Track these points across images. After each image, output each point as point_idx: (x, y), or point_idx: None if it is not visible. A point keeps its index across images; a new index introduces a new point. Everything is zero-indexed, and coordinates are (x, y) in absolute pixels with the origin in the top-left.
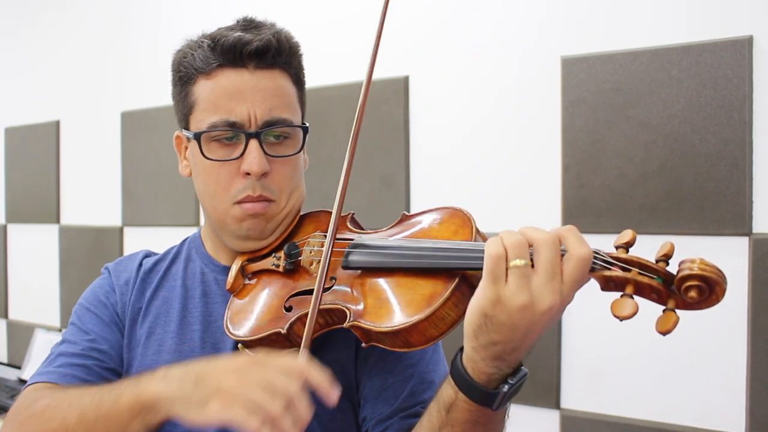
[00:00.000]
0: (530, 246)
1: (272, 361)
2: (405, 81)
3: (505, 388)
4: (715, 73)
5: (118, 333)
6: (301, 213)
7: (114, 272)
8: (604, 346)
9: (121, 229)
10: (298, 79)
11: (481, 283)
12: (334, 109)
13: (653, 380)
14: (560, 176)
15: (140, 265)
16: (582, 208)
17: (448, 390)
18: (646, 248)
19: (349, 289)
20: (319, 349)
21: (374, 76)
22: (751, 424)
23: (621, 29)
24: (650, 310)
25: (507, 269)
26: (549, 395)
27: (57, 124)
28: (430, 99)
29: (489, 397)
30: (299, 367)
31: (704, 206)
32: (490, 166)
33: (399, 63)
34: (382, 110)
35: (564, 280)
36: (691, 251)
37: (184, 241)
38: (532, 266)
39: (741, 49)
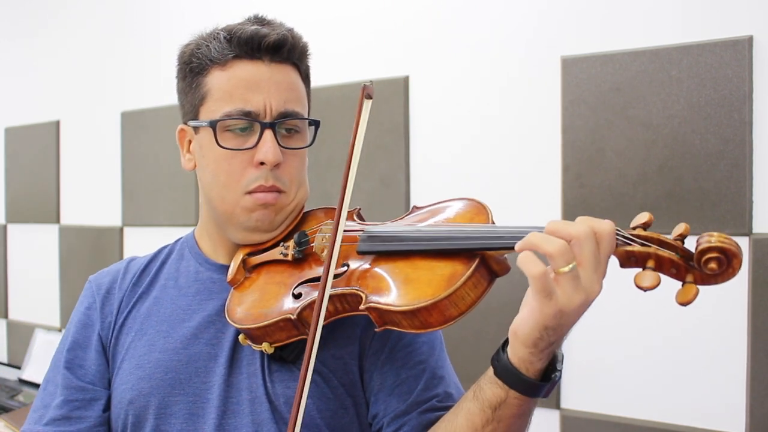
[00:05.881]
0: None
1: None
2: (405, 81)
3: (557, 375)
4: (715, 73)
5: (101, 354)
6: (304, 210)
7: (95, 281)
8: (604, 346)
9: (121, 229)
10: (306, 78)
11: (534, 302)
12: (334, 109)
13: (653, 380)
14: (560, 176)
15: (126, 269)
16: (582, 208)
17: (494, 390)
18: None
19: (363, 274)
20: (322, 345)
21: (374, 77)
22: (751, 424)
23: (621, 29)
24: (650, 308)
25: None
26: (549, 395)
27: (57, 124)
28: (430, 99)
29: (543, 389)
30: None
31: (704, 206)
32: (489, 165)
33: (399, 63)
34: (382, 110)
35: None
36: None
37: (178, 240)
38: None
39: (741, 49)
